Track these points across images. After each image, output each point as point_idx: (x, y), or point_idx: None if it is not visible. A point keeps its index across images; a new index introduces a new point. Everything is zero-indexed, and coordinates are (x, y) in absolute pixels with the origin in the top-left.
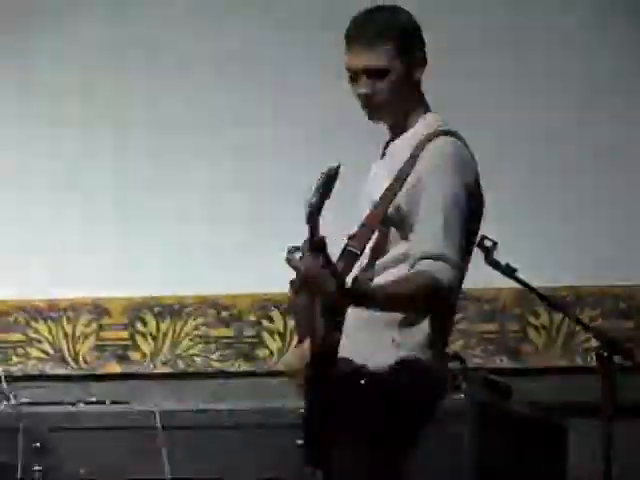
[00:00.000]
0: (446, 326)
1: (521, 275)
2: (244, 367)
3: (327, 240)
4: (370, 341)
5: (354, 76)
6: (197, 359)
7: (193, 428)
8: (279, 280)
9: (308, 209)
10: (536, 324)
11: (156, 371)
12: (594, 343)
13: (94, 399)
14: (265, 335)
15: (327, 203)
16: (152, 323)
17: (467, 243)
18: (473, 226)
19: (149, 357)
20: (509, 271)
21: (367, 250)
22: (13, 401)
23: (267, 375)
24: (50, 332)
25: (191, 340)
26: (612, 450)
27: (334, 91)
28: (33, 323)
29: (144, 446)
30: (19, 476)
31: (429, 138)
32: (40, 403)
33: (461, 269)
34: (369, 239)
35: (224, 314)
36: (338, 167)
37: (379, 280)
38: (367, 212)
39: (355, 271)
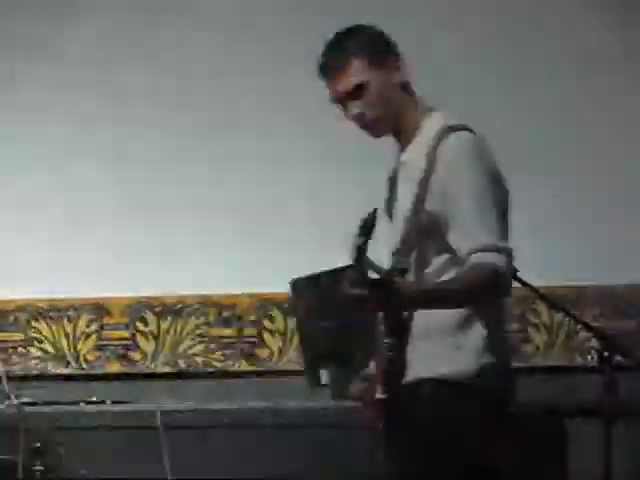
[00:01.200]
0: (504, 323)
1: (522, 275)
2: (245, 367)
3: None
4: (434, 350)
5: (341, 104)
6: (198, 359)
7: (194, 428)
8: (280, 280)
9: (355, 250)
10: (537, 323)
11: (157, 371)
12: (595, 342)
13: (95, 399)
14: (266, 335)
15: None
16: (153, 323)
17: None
18: (504, 214)
19: (150, 357)
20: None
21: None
22: (14, 401)
23: (268, 375)
24: (51, 332)
25: (192, 340)
26: (612, 449)
27: None
28: (34, 323)
29: (145, 445)
30: (20, 476)
31: (440, 138)
32: (41, 403)
33: (512, 255)
34: (411, 253)
35: (225, 314)
36: (375, 211)
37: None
38: (402, 227)
39: None
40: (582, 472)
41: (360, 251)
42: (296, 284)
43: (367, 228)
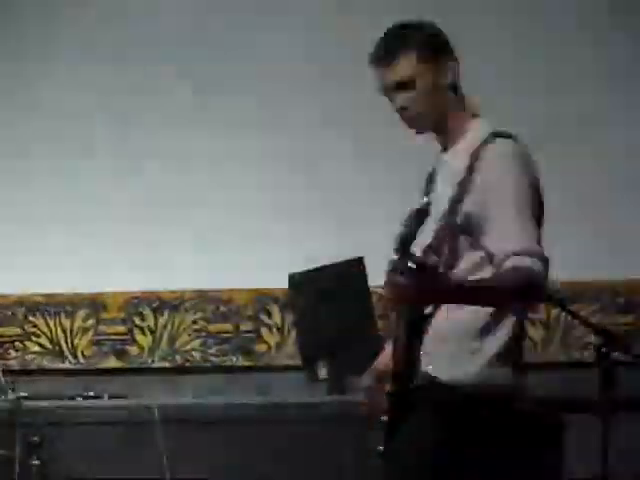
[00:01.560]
0: (522, 332)
1: None
2: (242, 362)
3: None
4: (451, 353)
5: (388, 96)
6: (195, 354)
7: (191, 422)
8: (277, 275)
9: (398, 240)
10: (533, 319)
11: (154, 366)
12: (592, 338)
13: (92, 393)
14: (263, 330)
15: None
16: (150, 318)
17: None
18: (539, 223)
19: (147, 351)
20: None
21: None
22: (11, 395)
23: (265, 370)
24: (48, 326)
25: (189, 335)
26: (609, 445)
27: None
28: (31, 317)
29: (142, 440)
30: (17, 470)
31: (486, 142)
32: (38, 397)
33: (547, 261)
34: (443, 251)
35: (222, 309)
36: (428, 203)
37: None
38: (435, 225)
39: None
40: (579, 467)
41: (405, 241)
42: (294, 279)
43: (418, 218)
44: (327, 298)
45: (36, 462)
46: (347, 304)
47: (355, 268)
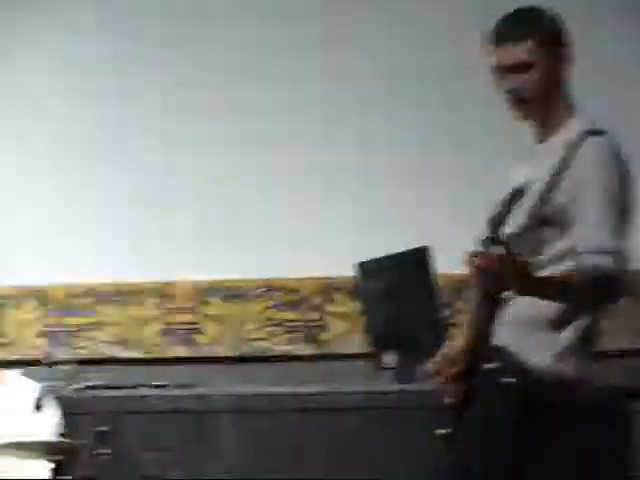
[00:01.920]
0: (596, 327)
1: None
2: (309, 350)
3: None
4: (527, 340)
5: (501, 74)
6: (263, 342)
7: (258, 411)
8: (344, 263)
9: (491, 221)
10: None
11: (221, 354)
12: None
13: (160, 383)
14: (330, 318)
15: None
16: (218, 306)
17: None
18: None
19: (215, 340)
20: None
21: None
22: (80, 385)
23: (332, 358)
24: (117, 316)
25: (257, 323)
26: None
27: None
28: (100, 307)
29: (209, 430)
30: (85, 459)
31: (583, 138)
32: (106, 387)
33: (625, 261)
34: (529, 239)
35: (290, 297)
36: (526, 186)
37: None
38: (524, 213)
39: None
40: None
41: (497, 223)
42: (362, 267)
43: (512, 202)
44: (394, 287)
45: (104, 451)
46: (414, 292)
47: (422, 256)
